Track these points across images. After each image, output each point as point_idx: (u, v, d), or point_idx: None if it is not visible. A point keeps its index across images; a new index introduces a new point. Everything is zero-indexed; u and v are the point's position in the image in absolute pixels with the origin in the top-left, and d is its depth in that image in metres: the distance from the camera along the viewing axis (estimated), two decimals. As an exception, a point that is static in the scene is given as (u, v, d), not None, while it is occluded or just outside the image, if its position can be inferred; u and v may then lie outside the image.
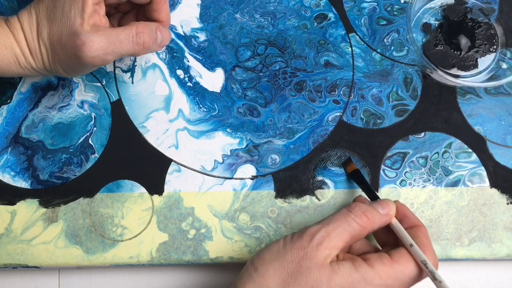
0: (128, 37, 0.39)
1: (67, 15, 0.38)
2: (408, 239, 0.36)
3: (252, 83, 0.47)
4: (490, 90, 0.46)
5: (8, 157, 0.45)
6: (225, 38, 0.48)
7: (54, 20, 0.38)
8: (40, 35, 0.39)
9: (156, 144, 0.45)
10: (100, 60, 0.38)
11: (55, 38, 0.38)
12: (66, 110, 0.46)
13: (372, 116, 0.46)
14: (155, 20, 0.42)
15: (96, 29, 0.38)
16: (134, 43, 0.39)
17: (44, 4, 0.39)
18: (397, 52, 0.47)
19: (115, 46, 0.38)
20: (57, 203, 0.44)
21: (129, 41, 0.39)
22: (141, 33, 0.39)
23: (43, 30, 0.39)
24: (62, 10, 0.38)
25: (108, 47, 0.38)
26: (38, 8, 0.39)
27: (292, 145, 0.45)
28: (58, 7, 0.38)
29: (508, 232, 0.43)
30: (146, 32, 0.39)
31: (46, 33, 0.39)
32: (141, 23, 0.40)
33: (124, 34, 0.39)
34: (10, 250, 0.43)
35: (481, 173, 0.44)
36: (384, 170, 0.45)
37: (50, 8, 0.38)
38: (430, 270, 0.34)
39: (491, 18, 0.48)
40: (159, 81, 0.47)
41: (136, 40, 0.39)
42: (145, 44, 0.39)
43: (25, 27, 0.39)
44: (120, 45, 0.38)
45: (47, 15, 0.39)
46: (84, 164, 0.45)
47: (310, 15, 0.48)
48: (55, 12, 0.38)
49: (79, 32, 0.37)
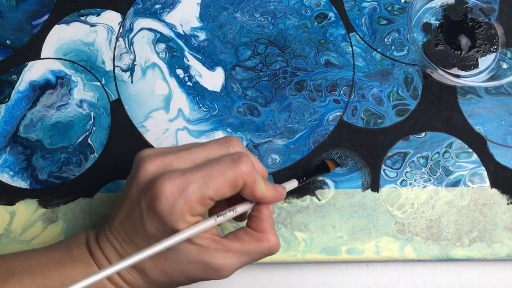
0: (261, 253, 0.34)
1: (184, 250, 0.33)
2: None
3: (252, 82, 0.47)
4: (490, 90, 0.46)
5: (6, 156, 0.45)
6: (225, 37, 0.48)
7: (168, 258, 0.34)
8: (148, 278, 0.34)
9: (156, 144, 0.45)
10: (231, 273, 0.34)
11: (171, 271, 0.34)
12: (65, 109, 0.46)
13: (372, 115, 0.46)
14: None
15: (220, 247, 0.33)
16: (267, 254, 0.35)
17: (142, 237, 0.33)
18: (397, 52, 0.47)
19: (247, 261, 0.34)
20: (57, 203, 0.44)
21: (261, 255, 0.35)
22: (275, 247, 0.35)
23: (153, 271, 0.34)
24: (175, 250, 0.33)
25: (242, 264, 0.34)
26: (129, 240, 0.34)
27: (292, 145, 0.45)
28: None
29: (508, 232, 0.43)
30: (278, 242, 0.35)
31: (158, 272, 0.34)
32: (273, 235, 0.35)
33: (255, 249, 0.34)
34: (9, 251, 0.42)
35: (481, 173, 0.44)
36: (384, 170, 0.44)
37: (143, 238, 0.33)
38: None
39: (492, 18, 0.48)
40: (159, 81, 0.47)
41: (270, 253, 0.35)
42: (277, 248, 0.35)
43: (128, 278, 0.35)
44: (251, 259, 0.34)
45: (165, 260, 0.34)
46: (83, 164, 0.45)
47: (310, 15, 0.48)
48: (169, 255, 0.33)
49: (208, 262, 0.33)
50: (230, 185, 0.32)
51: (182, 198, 0.31)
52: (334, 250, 0.43)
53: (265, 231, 0.34)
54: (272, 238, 0.34)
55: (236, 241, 0.34)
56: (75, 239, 0.36)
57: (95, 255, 0.34)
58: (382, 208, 0.43)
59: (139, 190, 0.33)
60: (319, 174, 0.43)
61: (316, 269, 0.44)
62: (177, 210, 0.31)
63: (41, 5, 0.49)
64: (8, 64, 0.47)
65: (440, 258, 0.42)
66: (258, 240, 0.34)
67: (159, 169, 0.33)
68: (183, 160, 0.33)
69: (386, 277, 0.44)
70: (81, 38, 0.48)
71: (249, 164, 0.32)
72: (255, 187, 0.33)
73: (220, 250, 0.33)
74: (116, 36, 0.48)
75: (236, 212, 0.34)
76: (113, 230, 0.34)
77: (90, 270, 0.34)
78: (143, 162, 0.33)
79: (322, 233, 0.43)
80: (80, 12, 0.48)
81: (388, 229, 0.43)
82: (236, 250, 0.33)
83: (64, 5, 0.49)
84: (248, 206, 0.35)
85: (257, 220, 0.35)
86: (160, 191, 0.31)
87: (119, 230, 0.34)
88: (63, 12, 0.48)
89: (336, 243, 0.43)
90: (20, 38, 0.48)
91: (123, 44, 0.47)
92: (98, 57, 0.47)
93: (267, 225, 0.35)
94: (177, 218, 0.31)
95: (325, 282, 0.44)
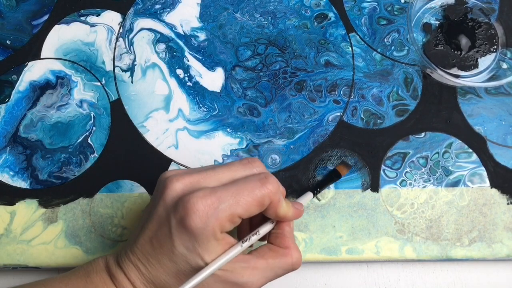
0: (285, 268, 0.35)
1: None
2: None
3: (252, 82, 0.47)
4: (490, 90, 0.46)
5: (7, 156, 0.45)
6: (225, 37, 0.48)
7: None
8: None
9: (155, 144, 0.45)
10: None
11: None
12: (65, 109, 0.46)
13: (372, 116, 0.46)
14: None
15: (246, 265, 0.34)
16: (290, 270, 0.36)
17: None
18: (397, 52, 0.47)
19: (272, 277, 0.35)
20: (57, 203, 0.44)
21: (285, 270, 0.36)
22: (298, 262, 0.36)
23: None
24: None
25: (267, 280, 0.35)
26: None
27: (292, 145, 0.45)
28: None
29: (508, 232, 0.43)
30: (300, 258, 0.36)
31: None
32: (296, 251, 0.36)
33: (280, 264, 0.35)
34: (9, 251, 0.43)
35: (481, 173, 0.44)
36: (384, 170, 0.44)
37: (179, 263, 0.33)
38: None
39: (491, 18, 0.48)
40: (159, 81, 0.47)
41: (293, 269, 0.36)
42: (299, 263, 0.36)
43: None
44: (276, 275, 0.35)
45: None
46: (83, 164, 0.45)
47: (310, 15, 0.48)
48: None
49: (235, 281, 0.33)
50: (258, 203, 0.33)
51: (214, 216, 0.32)
52: (334, 250, 0.43)
53: (288, 247, 0.36)
54: (296, 254, 0.36)
55: (260, 258, 0.34)
56: (93, 265, 0.36)
57: (118, 279, 0.34)
58: (382, 208, 0.44)
59: (167, 209, 0.33)
60: (332, 181, 0.43)
61: (316, 269, 0.44)
62: (209, 228, 0.32)
63: (41, 5, 0.49)
64: (8, 64, 0.47)
65: (440, 258, 0.42)
66: (282, 255, 0.35)
67: (186, 188, 0.33)
68: (209, 179, 0.34)
69: (386, 277, 0.44)
70: (81, 38, 0.48)
71: (276, 185, 0.34)
72: (279, 206, 0.34)
73: (246, 268, 0.34)
74: (116, 36, 0.48)
75: (259, 235, 0.36)
76: (136, 252, 0.34)
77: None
78: (170, 181, 0.34)
79: (322, 233, 0.43)
80: (80, 12, 0.48)
81: (388, 229, 0.43)
82: (262, 267, 0.34)
83: (64, 5, 0.49)
84: (270, 227, 0.37)
85: (280, 237, 0.36)
86: (193, 209, 0.31)
87: (143, 251, 0.34)
88: (63, 12, 0.48)
89: (336, 243, 0.43)
90: (20, 38, 0.48)
91: (123, 44, 0.47)
92: (98, 57, 0.47)
93: (290, 241, 0.36)
94: (208, 236, 0.32)
95: (325, 282, 0.44)
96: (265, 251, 0.35)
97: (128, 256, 0.34)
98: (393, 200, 0.44)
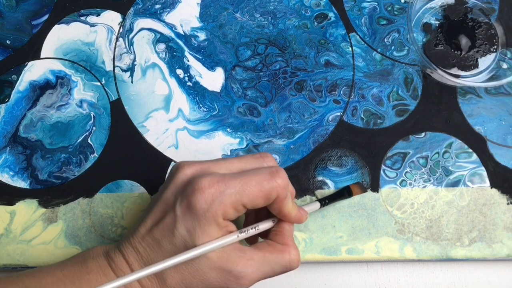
0: (282, 264, 0.35)
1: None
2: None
3: (252, 82, 0.47)
4: (490, 90, 0.46)
5: (6, 156, 0.45)
6: (225, 37, 0.48)
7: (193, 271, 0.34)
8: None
9: (155, 144, 0.45)
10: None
11: (190, 279, 0.34)
12: (65, 109, 0.46)
13: (372, 116, 0.46)
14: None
15: (242, 254, 0.34)
16: (287, 268, 0.35)
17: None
18: (397, 52, 0.47)
19: (268, 272, 0.35)
20: (57, 203, 0.44)
21: (282, 267, 0.35)
22: (295, 260, 0.35)
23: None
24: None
25: (262, 274, 0.35)
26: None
27: (292, 145, 0.45)
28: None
29: (508, 232, 0.43)
30: (299, 257, 0.36)
31: (178, 279, 0.34)
32: (295, 249, 0.36)
33: (277, 259, 0.35)
34: (9, 251, 0.43)
35: (481, 173, 0.44)
36: (384, 170, 0.44)
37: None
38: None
39: (492, 18, 0.48)
40: (159, 81, 0.47)
41: (290, 267, 0.35)
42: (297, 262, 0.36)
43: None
44: (272, 270, 0.35)
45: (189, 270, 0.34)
46: (83, 164, 0.45)
47: (310, 15, 0.48)
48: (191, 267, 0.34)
49: (229, 269, 0.33)
50: (265, 196, 0.33)
51: (219, 199, 0.32)
52: (334, 250, 0.43)
53: (287, 244, 0.36)
54: (294, 252, 0.35)
55: (258, 250, 0.34)
56: (90, 252, 0.36)
57: (115, 262, 0.34)
58: (382, 208, 0.44)
59: (175, 192, 0.34)
60: (342, 197, 0.43)
61: (316, 269, 0.44)
62: (212, 210, 0.32)
63: (41, 5, 0.49)
64: (8, 64, 0.47)
65: (440, 258, 0.42)
66: (280, 251, 0.35)
67: (196, 172, 0.34)
68: (220, 166, 0.35)
69: (386, 277, 0.44)
70: (81, 38, 0.48)
71: (285, 180, 0.34)
72: (284, 203, 0.35)
73: (241, 257, 0.34)
74: (116, 36, 0.48)
75: (258, 230, 0.36)
76: (138, 235, 0.34)
77: (106, 280, 0.34)
78: (181, 166, 0.35)
79: (322, 233, 0.43)
80: (80, 12, 0.48)
81: (388, 229, 0.43)
82: (258, 259, 0.34)
83: (64, 5, 0.49)
84: (270, 224, 0.37)
85: (279, 234, 0.36)
86: (200, 189, 0.32)
87: (146, 236, 0.34)
88: (63, 12, 0.48)
89: (336, 243, 0.43)
90: (20, 38, 0.48)
91: (123, 44, 0.47)
92: (98, 57, 0.47)
93: (289, 239, 0.36)
94: (210, 219, 0.32)
95: (325, 282, 0.44)
96: (263, 245, 0.35)
97: (129, 240, 0.35)
98: (393, 200, 0.44)
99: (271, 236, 0.37)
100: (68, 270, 0.35)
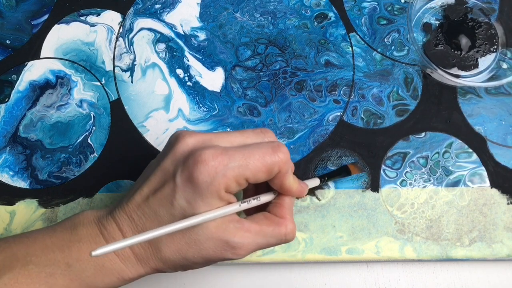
0: (277, 237, 0.35)
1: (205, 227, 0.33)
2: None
3: (252, 82, 0.47)
4: (490, 90, 0.46)
5: (6, 156, 0.45)
6: (225, 37, 0.48)
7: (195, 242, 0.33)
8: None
9: (155, 144, 0.45)
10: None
11: (187, 248, 0.34)
12: (65, 109, 0.46)
13: (372, 116, 0.46)
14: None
15: (240, 226, 0.34)
16: (282, 240, 0.36)
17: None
18: (397, 52, 0.47)
19: (263, 244, 0.35)
20: (57, 203, 0.44)
21: (277, 240, 0.35)
22: (291, 234, 0.36)
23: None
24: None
25: (258, 246, 0.35)
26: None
27: (292, 145, 0.45)
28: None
29: (508, 232, 0.43)
30: (295, 230, 0.36)
31: (173, 249, 0.34)
32: (291, 222, 0.36)
33: (273, 232, 0.35)
34: (9, 251, 0.43)
35: (481, 173, 0.44)
36: (384, 170, 0.44)
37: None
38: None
39: (492, 18, 0.48)
40: (159, 81, 0.47)
41: (286, 240, 0.36)
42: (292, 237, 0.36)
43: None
44: (267, 242, 0.35)
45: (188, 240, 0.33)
46: (83, 164, 0.45)
47: (310, 15, 0.48)
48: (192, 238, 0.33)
49: (226, 240, 0.33)
50: (267, 170, 0.33)
51: (223, 172, 0.32)
52: (334, 250, 0.43)
53: (284, 217, 0.36)
54: (290, 225, 0.35)
55: (254, 222, 0.35)
56: (81, 218, 0.35)
57: (108, 230, 0.34)
58: (382, 208, 0.43)
59: (175, 162, 0.33)
60: (340, 176, 0.43)
61: (316, 269, 0.44)
62: (215, 183, 0.32)
63: (41, 5, 0.49)
64: (8, 64, 0.47)
65: (440, 258, 0.42)
66: (277, 224, 0.35)
67: (198, 143, 0.34)
68: (221, 139, 0.34)
69: (386, 277, 0.44)
70: (81, 38, 0.48)
71: (287, 155, 0.34)
72: (285, 177, 0.35)
73: (239, 228, 0.34)
74: (116, 36, 0.48)
75: (260, 201, 0.36)
76: (133, 205, 0.34)
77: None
78: (182, 136, 0.34)
79: (322, 233, 0.43)
80: (80, 12, 0.48)
81: (388, 229, 0.43)
82: (254, 231, 0.34)
83: (64, 5, 0.49)
84: (271, 196, 0.37)
85: (278, 206, 0.36)
86: (203, 162, 0.32)
87: (141, 204, 0.34)
88: (63, 12, 0.48)
89: (336, 243, 0.43)
90: (20, 38, 0.48)
91: (123, 44, 0.47)
92: (98, 57, 0.47)
93: (287, 212, 0.36)
94: (213, 192, 0.32)
95: (325, 282, 0.44)
96: (260, 218, 0.35)
97: (123, 208, 0.34)
98: (393, 200, 0.44)
99: (270, 208, 0.36)
100: (57, 237, 0.34)
